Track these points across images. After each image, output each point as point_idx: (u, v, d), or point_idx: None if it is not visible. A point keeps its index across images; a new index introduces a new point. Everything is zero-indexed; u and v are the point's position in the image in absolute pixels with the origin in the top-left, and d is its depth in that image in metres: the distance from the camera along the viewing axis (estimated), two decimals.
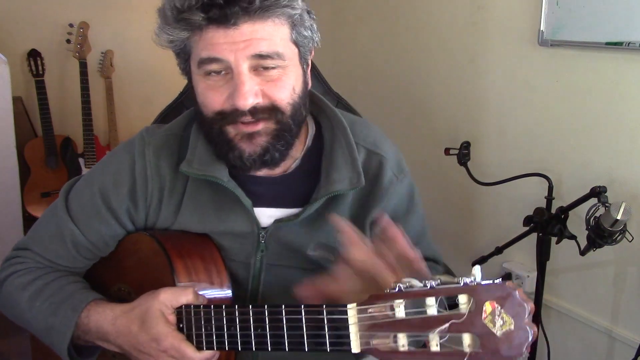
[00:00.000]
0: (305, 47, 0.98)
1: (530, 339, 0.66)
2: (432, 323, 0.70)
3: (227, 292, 1.02)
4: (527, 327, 0.66)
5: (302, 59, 0.98)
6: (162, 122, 1.28)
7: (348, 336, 0.76)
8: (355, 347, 0.76)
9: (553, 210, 1.67)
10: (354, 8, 2.62)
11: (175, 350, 0.89)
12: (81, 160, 3.06)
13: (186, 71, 1.00)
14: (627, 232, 1.49)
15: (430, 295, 0.70)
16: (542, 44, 1.81)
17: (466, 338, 0.68)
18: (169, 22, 0.92)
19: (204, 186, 1.02)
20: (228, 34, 0.89)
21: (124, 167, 1.03)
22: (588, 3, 1.66)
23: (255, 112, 0.92)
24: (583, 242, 1.56)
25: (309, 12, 0.97)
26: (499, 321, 0.67)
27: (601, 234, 1.48)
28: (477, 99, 2.10)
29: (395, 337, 0.73)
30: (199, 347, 0.90)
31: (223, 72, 0.92)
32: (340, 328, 0.77)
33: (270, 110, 0.93)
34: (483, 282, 0.68)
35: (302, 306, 0.82)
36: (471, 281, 0.69)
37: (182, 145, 1.04)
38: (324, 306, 0.79)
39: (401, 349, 0.72)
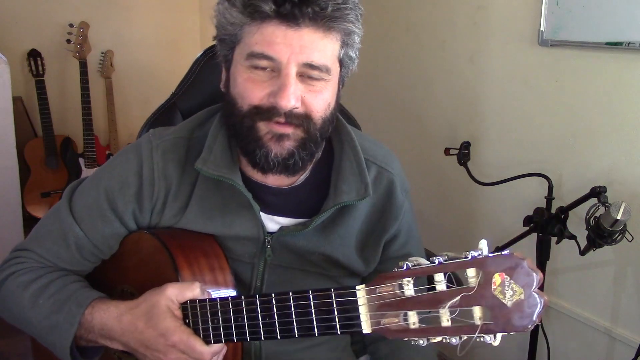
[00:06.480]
0: (347, 67, 1.00)
1: (540, 308, 0.67)
2: (442, 298, 0.70)
3: (231, 290, 1.01)
4: (537, 296, 0.67)
5: (342, 78, 1.00)
6: (154, 122, 1.27)
7: (358, 317, 0.77)
8: (366, 328, 0.77)
9: (553, 210, 1.66)
10: None
11: (183, 344, 0.89)
12: (81, 160, 3.06)
13: (227, 59, 0.99)
14: (627, 232, 1.49)
15: (438, 271, 0.71)
16: (542, 44, 1.81)
17: (477, 311, 0.69)
18: (235, 4, 0.92)
19: (212, 189, 1.02)
20: (287, 34, 0.89)
21: (131, 169, 1.03)
22: (588, 3, 1.66)
23: (290, 116, 0.93)
24: (583, 242, 1.56)
25: (360, 36, 0.99)
26: (509, 292, 0.67)
27: (601, 234, 1.48)
28: (477, 98, 2.10)
29: (405, 315, 0.73)
30: (206, 341, 0.90)
31: (269, 69, 0.92)
32: (350, 310, 0.78)
33: (304, 119, 0.94)
34: (490, 255, 0.69)
35: (310, 291, 0.82)
36: (479, 254, 0.69)
37: (190, 149, 1.04)
38: (332, 289, 0.80)
39: (412, 326, 0.73)
